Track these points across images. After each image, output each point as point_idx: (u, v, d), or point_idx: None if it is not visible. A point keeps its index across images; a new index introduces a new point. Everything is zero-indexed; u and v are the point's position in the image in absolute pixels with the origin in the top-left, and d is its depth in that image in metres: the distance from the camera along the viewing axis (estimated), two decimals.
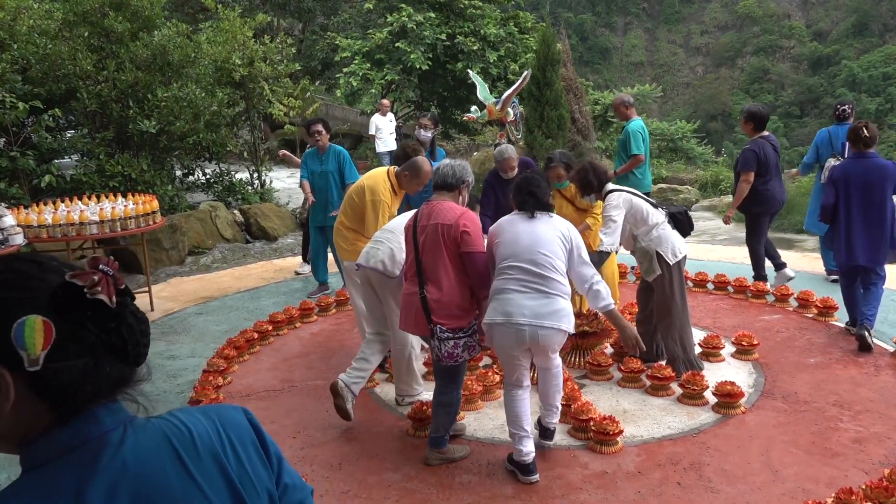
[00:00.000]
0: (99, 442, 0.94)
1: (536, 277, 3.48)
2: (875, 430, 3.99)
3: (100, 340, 0.94)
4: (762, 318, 6.01)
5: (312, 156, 7.06)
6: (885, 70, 55.00)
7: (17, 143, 8.36)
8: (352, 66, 18.10)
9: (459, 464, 3.77)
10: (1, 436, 0.94)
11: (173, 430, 1.01)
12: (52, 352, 0.90)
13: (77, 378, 0.92)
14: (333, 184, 6.93)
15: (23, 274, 0.95)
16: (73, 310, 0.92)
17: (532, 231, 3.60)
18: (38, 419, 0.93)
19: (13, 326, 0.89)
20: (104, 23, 9.07)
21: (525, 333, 3.44)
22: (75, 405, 0.94)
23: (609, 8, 73.37)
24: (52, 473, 0.91)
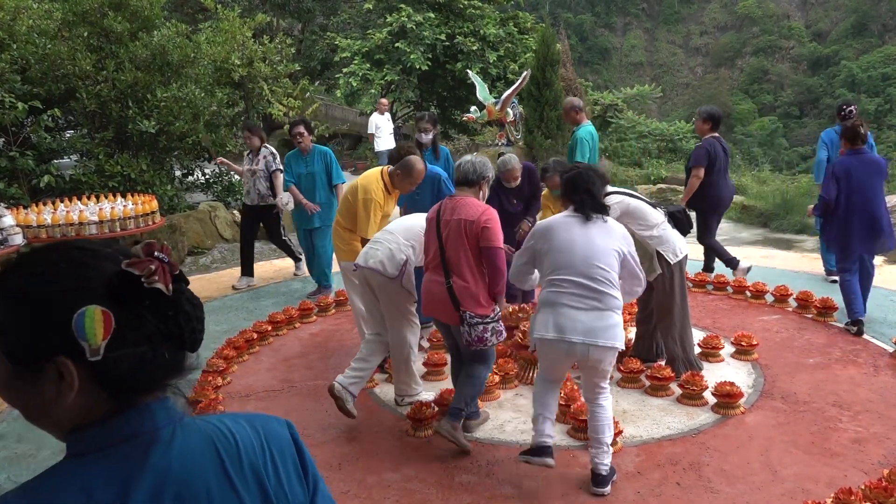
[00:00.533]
0: (150, 437, 0.95)
1: (592, 292, 3.35)
2: (874, 431, 3.99)
3: (157, 329, 0.94)
4: (761, 319, 6.01)
5: (296, 158, 6.88)
6: (884, 70, 55.02)
7: (16, 143, 8.36)
8: (351, 67, 18.12)
9: (459, 464, 3.77)
10: (58, 423, 0.95)
11: (220, 437, 1.01)
12: (111, 341, 0.90)
13: (136, 366, 0.93)
14: (321, 185, 6.82)
15: (78, 263, 0.95)
16: (130, 299, 0.92)
17: (588, 239, 3.43)
18: (98, 408, 0.94)
19: (73, 317, 0.89)
20: (103, 23, 9.07)
21: (576, 349, 3.34)
22: (134, 393, 0.95)
23: (608, 8, 73.38)
24: (101, 461, 0.91)
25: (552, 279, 3.44)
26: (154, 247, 0.96)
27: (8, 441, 4.23)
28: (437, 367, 5.00)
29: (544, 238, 3.55)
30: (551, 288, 3.43)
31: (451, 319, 3.81)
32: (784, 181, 14.21)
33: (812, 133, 54.52)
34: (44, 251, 0.98)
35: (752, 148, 45.48)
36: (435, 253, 3.89)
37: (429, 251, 3.99)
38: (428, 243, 4.00)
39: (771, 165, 22.07)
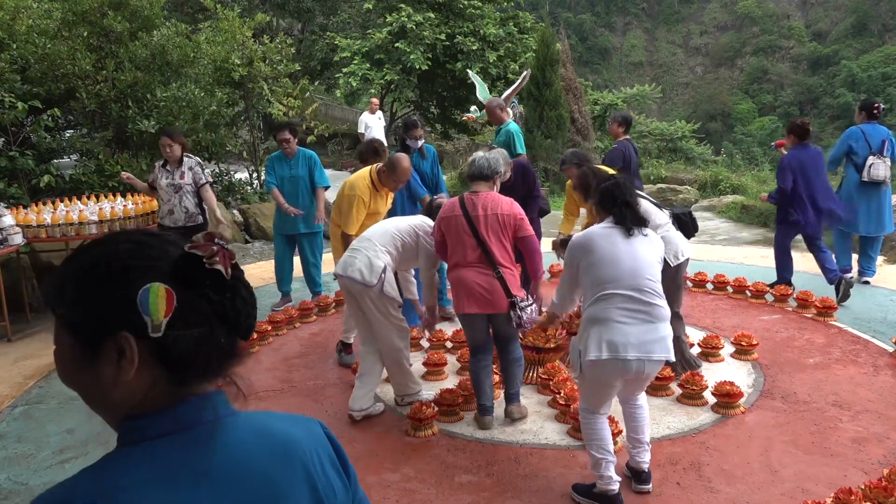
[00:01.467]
0: (213, 426, 0.97)
1: (641, 304, 3.25)
2: (874, 430, 3.99)
3: (215, 311, 0.97)
4: (761, 318, 6.01)
5: (280, 160, 6.64)
6: (884, 70, 55.01)
7: (16, 142, 8.35)
8: (351, 66, 18.12)
9: (459, 464, 3.77)
10: (117, 404, 0.96)
11: (271, 433, 1.04)
12: (172, 319, 0.93)
13: (194, 346, 0.95)
14: (304, 189, 6.58)
15: (144, 244, 0.98)
16: (192, 279, 0.95)
17: (633, 253, 3.32)
18: (156, 389, 0.95)
19: (138, 293, 0.92)
20: (103, 22, 9.06)
21: (631, 366, 3.21)
22: (190, 376, 0.97)
23: (608, 8, 73.38)
24: (165, 448, 0.93)
25: (599, 295, 3.29)
26: (215, 235, 1.00)
27: (8, 441, 4.23)
28: (438, 366, 5.00)
29: (585, 251, 3.41)
30: (598, 304, 3.28)
31: (501, 307, 3.99)
32: None
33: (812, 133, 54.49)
34: (112, 235, 1.02)
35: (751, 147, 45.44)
36: (473, 247, 4.01)
37: (461, 247, 4.04)
38: (457, 239, 4.05)
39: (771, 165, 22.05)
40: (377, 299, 4.20)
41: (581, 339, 3.33)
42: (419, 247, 4.43)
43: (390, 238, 4.36)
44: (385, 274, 4.22)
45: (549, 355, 4.81)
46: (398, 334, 4.32)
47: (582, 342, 3.31)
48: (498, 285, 3.98)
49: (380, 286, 4.18)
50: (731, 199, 12.21)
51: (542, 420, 4.26)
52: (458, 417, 4.28)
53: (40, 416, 4.57)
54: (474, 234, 3.99)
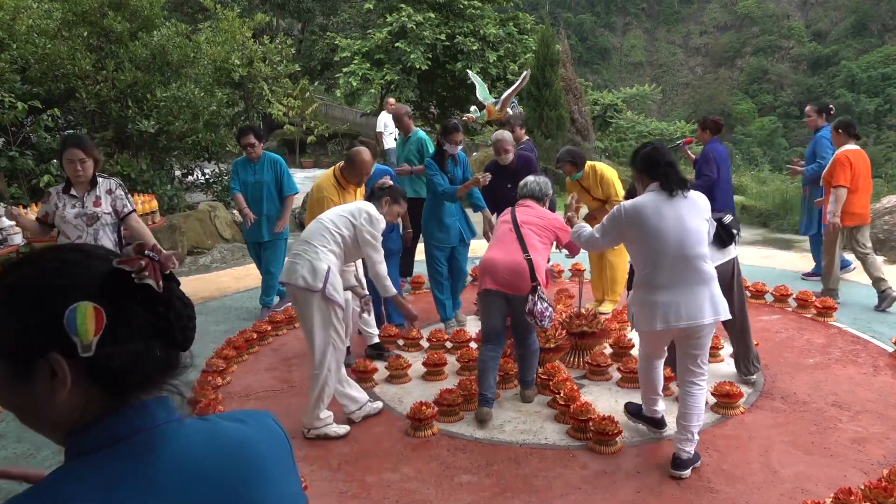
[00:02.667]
0: (151, 434, 0.95)
1: (688, 271, 3.44)
2: (874, 431, 3.99)
3: (149, 325, 0.95)
4: (761, 319, 6.01)
5: (244, 165, 6.36)
6: (884, 70, 55.03)
7: (16, 142, 8.36)
8: (351, 66, 18.12)
9: (459, 464, 3.77)
10: (54, 424, 0.95)
11: (222, 434, 1.01)
12: (103, 337, 0.91)
13: (129, 362, 0.94)
14: (269, 195, 6.27)
15: (70, 262, 0.97)
16: (122, 295, 0.94)
17: (678, 218, 3.45)
18: (92, 405, 0.94)
19: (65, 314, 0.90)
20: (103, 23, 9.06)
21: (685, 331, 3.51)
22: (127, 390, 0.95)
23: (608, 8, 73.39)
24: (102, 461, 0.92)
25: (649, 266, 3.51)
26: (146, 246, 0.98)
27: (7, 441, 4.23)
28: (437, 367, 5.00)
29: (634, 225, 3.51)
30: (649, 270, 3.51)
31: (522, 289, 4.16)
32: (784, 181, 14.20)
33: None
34: (39, 252, 1.00)
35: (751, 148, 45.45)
36: (512, 240, 4.31)
37: (500, 241, 4.38)
38: (499, 237, 4.42)
39: (770, 165, 22.05)
40: (319, 306, 3.98)
41: (636, 303, 3.62)
42: (358, 237, 4.15)
43: (330, 235, 4.11)
44: (329, 276, 3.98)
45: (549, 355, 4.81)
46: (332, 350, 4.05)
47: (638, 307, 3.60)
48: (525, 268, 4.16)
49: (324, 290, 3.96)
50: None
51: (541, 420, 4.26)
52: (457, 417, 4.28)
53: None
54: (516, 228, 4.33)
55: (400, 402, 4.62)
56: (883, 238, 8.39)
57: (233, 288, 7.65)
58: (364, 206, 4.27)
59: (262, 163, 6.31)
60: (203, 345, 5.75)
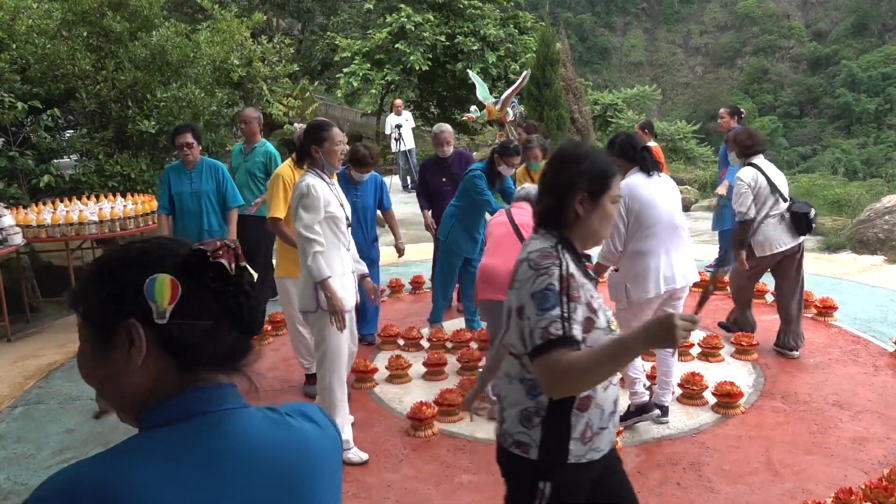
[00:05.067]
0: (220, 415, 1.01)
1: (677, 238, 3.91)
2: (874, 431, 3.99)
3: (220, 304, 1.02)
4: (761, 319, 5.99)
5: (178, 173, 5.53)
6: (884, 70, 55.03)
7: (15, 143, 8.35)
8: (351, 67, 18.10)
9: (459, 464, 3.77)
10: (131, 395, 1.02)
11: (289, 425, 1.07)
12: (177, 308, 0.98)
13: (199, 336, 1.00)
14: (209, 208, 5.48)
15: (157, 243, 1.07)
16: (197, 271, 1.01)
17: (662, 193, 3.89)
18: (165, 379, 1.01)
19: (145, 282, 0.98)
20: (103, 23, 9.05)
21: (679, 293, 3.94)
22: (196, 365, 1.02)
23: (608, 8, 73.39)
24: (175, 433, 0.98)
25: (646, 235, 3.82)
26: (226, 239, 1.06)
27: (7, 441, 4.23)
28: (438, 366, 5.00)
29: (631, 206, 3.81)
30: (645, 242, 3.82)
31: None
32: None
33: (812, 133, 54.70)
34: (130, 242, 1.11)
35: None
36: (510, 234, 4.11)
37: (499, 245, 4.18)
38: (498, 240, 4.23)
39: None
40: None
41: (630, 276, 3.85)
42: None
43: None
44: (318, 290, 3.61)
45: None
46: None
47: (631, 279, 3.84)
48: None
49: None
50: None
51: None
52: (458, 417, 4.28)
53: (40, 417, 4.56)
54: (515, 230, 4.14)
55: (400, 401, 4.62)
56: (883, 238, 8.38)
57: None
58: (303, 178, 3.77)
59: (200, 169, 5.47)
60: None
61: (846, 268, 7.78)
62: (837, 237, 9.02)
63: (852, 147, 46.79)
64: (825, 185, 13.17)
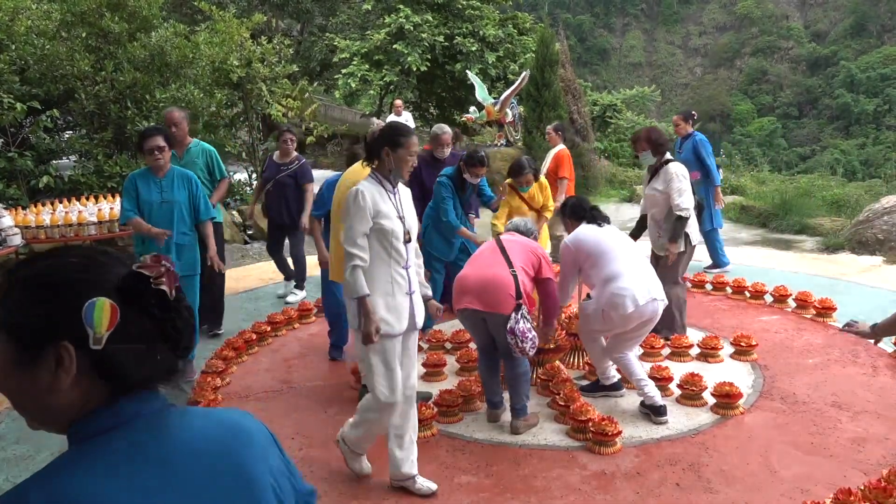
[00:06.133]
0: (154, 416, 1.02)
1: (636, 259, 4.27)
2: (874, 431, 3.99)
3: (156, 329, 1.01)
4: (760, 319, 6.01)
5: (146, 180, 4.91)
6: (882, 71, 55.12)
7: (15, 143, 8.36)
8: (350, 68, 18.11)
9: (459, 465, 3.76)
10: (54, 410, 1.00)
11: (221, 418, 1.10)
12: (114, 333, 0.97)
13: (133, 361, 1.00)
14: (181, 221, 4.94)
15: (96, 261, 1.03)
16: (137, 297, 1.00)
17: (610, 233, 4.37)
18: (95, 396, 1.00)
19: (84, 305, 0.96)
20: (102, 23, 9.06)
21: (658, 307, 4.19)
22: (129, 386, 1.01)
23: (607, 9, 73.44)
24: (114, 440, 0.98)
25: (607, 260, 4.21)
26: (163, 258, 1.05)
27: (6, 443, 4.22)
28: (437, 367, 4.99)
29: (581, 252, 4.31)
30: (610, 265, 4.18)
31: (506, 307, 3.88)
32: (783, 181, 14.23)
33: (811, 133, 54.74)
34: (63, 249, 1.06)
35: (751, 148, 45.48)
36: (495, 260, 4.10)
37: (480, 257, 4.21)
38: (479, 253, 4.28)
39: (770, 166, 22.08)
40: None
41: (604, 301, 4.13)
42: None
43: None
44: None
45: (548, 356, 4.81)
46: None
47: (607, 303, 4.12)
48: (505, 284, 3.91)
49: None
50: (730, 200, 12.20)
51: (541, 421, 4.25)
52: (457, 418, 4.28)
53: None
54: (500, 247, 4.17)
55: None
56: (882, 238, 8.39)
57: (232, 289, 7.64)
58: None
59: (171, 178, 4.94)
60: (202, 345, 5.74)
61: (845, 268, 7.79)
62: (836, 238, 9.03)
63: (851, 148, 46.86)
64: (824, 185, 13.19)
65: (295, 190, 6.77)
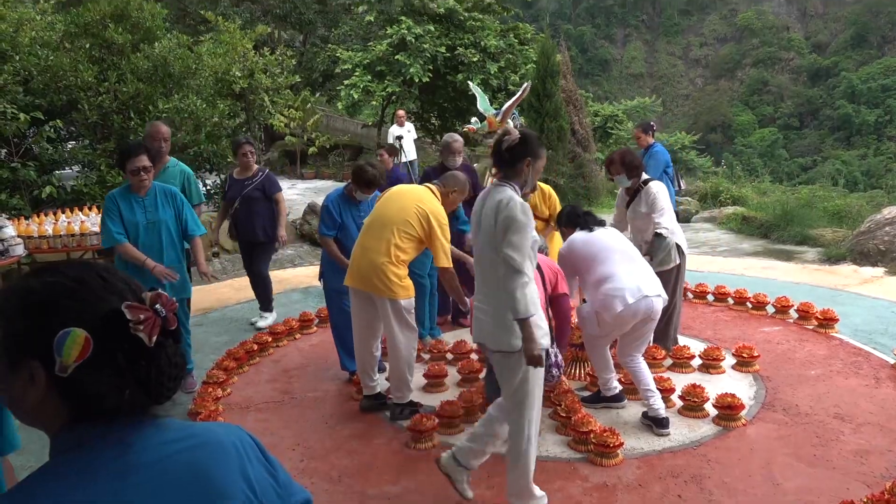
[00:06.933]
0: (122, 432, 1.02)
1: (629, 259, 4.25)
2: (876, 443, 3.97)
3: (129, 370, 1.01)
4: (762, 330, 6.00)
5: (127, 199, 4.60)
6: (883, 82, 55.21)
7: (18, 154, 8.38)
8: (352, 78, 18.16)
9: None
10: (35, 419, 1.04)
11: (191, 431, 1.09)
12: (82, 365, 0.98)
13: (98, 394, 1.01)
14: (169, 241, 4.68)
15: (88, 286, 1.04)
16: (112, 337, 1.00)
17: (605, 235, 4.39)
18: (62, 415, 1.02)
19: (59, 333, 0.97)
20: (105, 35, 9.11)
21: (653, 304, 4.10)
22: (91, 413, 1.02)
23: (608, 20, 73.69)
24: (83, 455, 0.99)
25: (599, 261, 4.22)
26: (161, 299, 1.04)
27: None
28: (438, 378, 4.99)
29: (576, 258, 4.34)
30: (601, 267, 4.19)
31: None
32: (784, 192, 14.24)
33: (812, 144, 54.78)
34: (69, 267, 1.07)
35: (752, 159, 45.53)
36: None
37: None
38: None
39: (771, 176, 22.09)
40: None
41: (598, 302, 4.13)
42: None
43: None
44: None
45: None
46: None
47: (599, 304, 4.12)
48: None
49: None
50: (731, 211, 12.22)
51: (542, 432, 4.23)
52: (458, 430, 4.27)
53: None
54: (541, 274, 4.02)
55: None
56: (884, 249, 8.38)
57: (234, 299, 7.65)
58: None
59: (153, 196, 4.65)
60: (203, 356, 5.74)
61: (847, 279, 7.78)
62: (838, 248, 9.02)
63: (852, 158, 46.87)
64: (826, 196, 13.20)
65: (265, 202, 6.33)
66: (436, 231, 4.23)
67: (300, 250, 10.24)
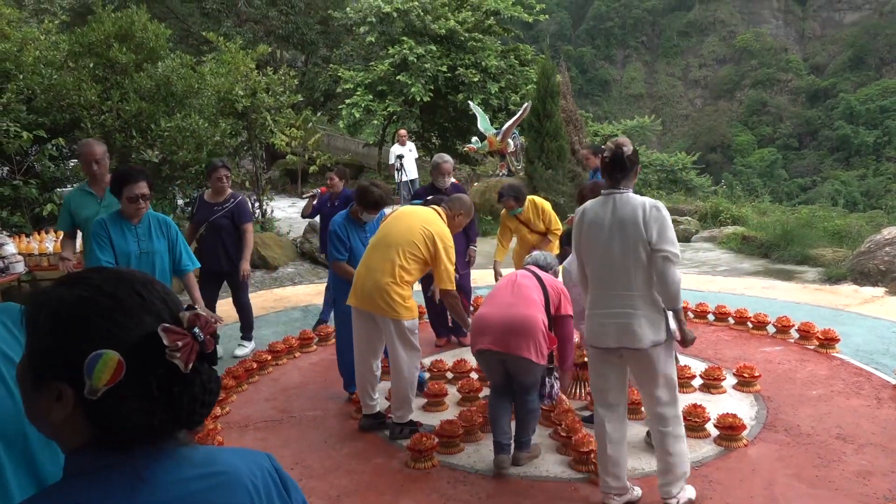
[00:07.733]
0: (139, 461, 0.98)
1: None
2: (878, 464, 3.95)
3: (161, 396, 0.96)
4: (763, 350, 5.98)
5: (118, 227, 4.35)
6: (882, 103, 55.52)
7: (20, 171, 8.42)
8: (354, 98, 18.28)
9: (459, 496, 3.72)
10: (56, 436, 1.00)
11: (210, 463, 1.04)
12: (113, 388, 0.94)
13: (128, 417, 0.96)
14: (163, 273, 4.45)
15: (124, 305, 0.98)
16: (147, 362, 0.95)
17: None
18: (84, 435, 0.97)
19: (90, 356, 0.93)
20: (109, 54, 9.18)
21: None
22: (114, 437, 0.97)
23: (608, 41, 74.29)
24: (94, 481, 0.95)
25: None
26: (200, 321, 0.99)
27: None
28: (438, 397, 4.96)
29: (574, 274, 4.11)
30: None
31: (518, 350, 3.80)
32: (784, 212, 14.25)
33: (811, 164, 54.99)
34: (109, 280, 1.01)
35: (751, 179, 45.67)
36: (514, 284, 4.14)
37: (498, 294, 4.12)
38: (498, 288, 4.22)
39: (771, 196, 22.13)
40: None
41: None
42: None
43: None
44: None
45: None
46: None
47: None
48: (528, 326, 3.80)
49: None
50: (731, 230, 12.23)
51: (543, 452, 4.21)
52: (458, 449, 4.24)
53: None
54: (517, 285, 4.12)
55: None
56: (884, 269, 8.38)
57: (232, 317, 7.62)
58: None
59: (147, 224, 4.42)
60: None
61: (847, 299, 7.77)
62: (838, 268, 9.02)
63: (852, 179, 47.03)
64: (826, 216, 13.21)
65: (233, 231, 6.01)
66: (441, 254, 4.26)
67: (300, 268, 10.23)
